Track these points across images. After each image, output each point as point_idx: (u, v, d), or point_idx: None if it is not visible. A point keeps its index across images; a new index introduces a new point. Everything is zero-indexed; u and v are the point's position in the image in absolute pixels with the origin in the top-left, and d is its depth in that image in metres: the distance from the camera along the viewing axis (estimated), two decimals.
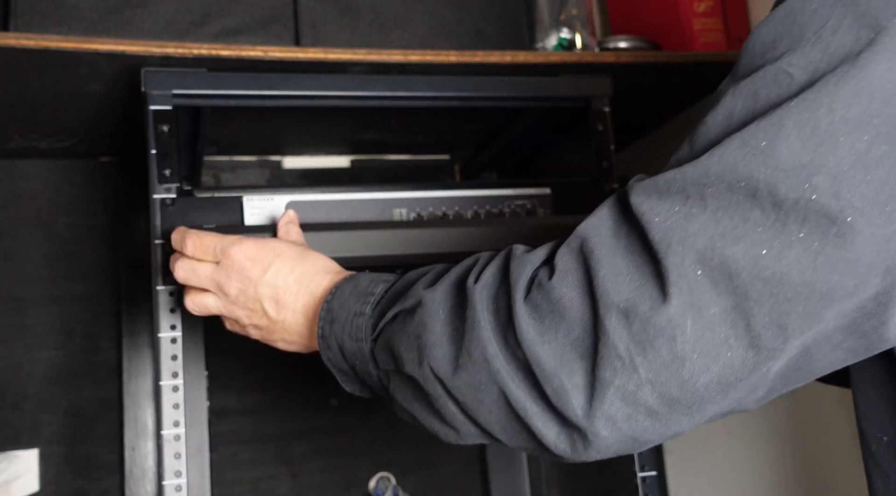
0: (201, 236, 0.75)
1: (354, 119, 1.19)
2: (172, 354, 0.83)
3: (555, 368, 0.49)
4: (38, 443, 1.18)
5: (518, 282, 0.52)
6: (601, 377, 0.47)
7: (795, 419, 1.15)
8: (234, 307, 0.74)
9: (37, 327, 1.21)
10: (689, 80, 1.15)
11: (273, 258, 0.71)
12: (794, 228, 0.43)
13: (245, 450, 1.28)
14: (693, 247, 0.45)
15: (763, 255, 0.44)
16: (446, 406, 0.56)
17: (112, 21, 0.92)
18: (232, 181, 1.33)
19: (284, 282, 0.71)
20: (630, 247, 0.48)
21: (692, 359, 0.46)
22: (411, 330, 0.57)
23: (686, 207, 0.46)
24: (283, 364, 1.33)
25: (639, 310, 0.46)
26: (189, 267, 0.75)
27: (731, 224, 0.45)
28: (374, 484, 1.32)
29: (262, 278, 0.71)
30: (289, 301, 0.70)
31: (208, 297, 0.76)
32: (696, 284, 0.45)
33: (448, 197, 0.97)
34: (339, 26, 1.00)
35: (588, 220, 0.52)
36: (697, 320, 0.45)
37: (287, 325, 0.71)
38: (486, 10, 1.08)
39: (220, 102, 0.92)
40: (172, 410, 0.82)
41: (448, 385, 0.54)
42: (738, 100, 0.48)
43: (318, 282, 0.70)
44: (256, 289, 0.71)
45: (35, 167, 1.24)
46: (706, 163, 0.46)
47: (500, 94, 1.01)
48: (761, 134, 0.45)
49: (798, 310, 0.44)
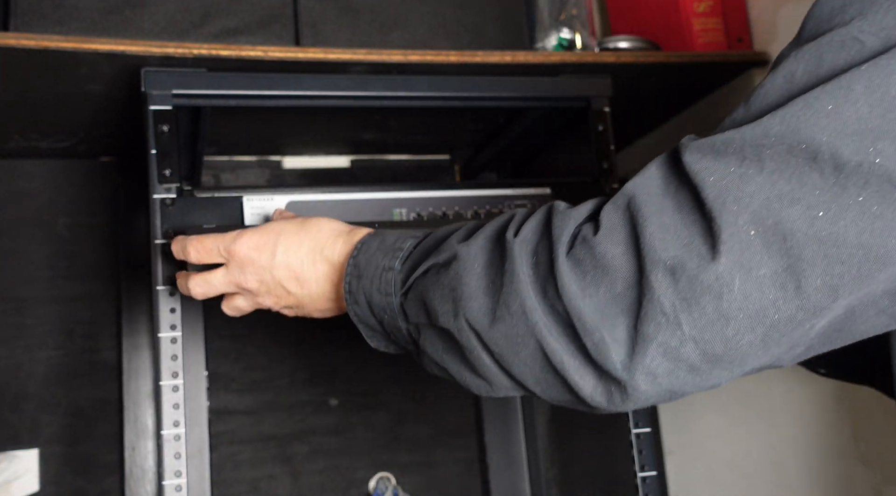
0: (202, 240, 0.75)
1: (354, 119, 1.19)
2: (172, 354, 0.83)
3: (596, 322, 0.49)
4: (37, 443, 1.18)
5: (561, 236, 0.52)
6: (644, 332, 0.47)
7: (795, 419, 1.15)
8: (261, 299, 0.74)
9: (37, 327, 1.21)
10: (689, 80, 1.15)
11: (276, 238, 0.71)
12: (853, 192, 0.44)
13: (245, 451, 1.28)
14: (748, 207, 0.45)
15: (819, 217, 0.44)
16: (480, 358, 0.56)
17: (112, 21, 0.92)
18: (232, 181, 1.33)
19: (297, 258, 0.70)
20: (680, 204, 0.48)
21: (738, 319, 0.46)
22: (446, 282, 0.57)
23: (742, 168, 0.46)
24: (284, 364, 1.33)
25: (686, 266, 0.46)
26: (202, 281, 0.75)
27: (788, 187, 0.45)
28: (374, 484, 1.32)
29: (274, 262, 0.71)
30: (308, 274, 0.70)
31: (237, 299, 0.76)
32: (748, 244, 0.45)
33: (448, 197, 0.97)
34: (339, 26, 1.00)
35: (635, 178, 0.52)
36: (746, 279, 0.45)
37: (315, 296, 0.71)
38: (486, 10, 1.08)
39: (220, 102, 0.92)
40: (172, 410, 0.82)
41: (484, 337, 0.54)
42: (801, 63, 0.47)
43: (332, 246, 0.70)
44: (273, 275, 0.71)
45: (35, 167, 1.24)
46: (767, 123, 0.46)
47: (500, 94, 1.01)
48: (828, 97, 0.45)
49: (851, 272, 0.44)
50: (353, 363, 1.35)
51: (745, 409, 1.24)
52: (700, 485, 1.35)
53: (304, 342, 1.34)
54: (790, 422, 1.16)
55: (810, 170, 0.44)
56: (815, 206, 0.44)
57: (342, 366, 1.35)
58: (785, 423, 1.17)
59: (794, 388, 1.15)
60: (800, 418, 1.14)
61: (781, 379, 1.17)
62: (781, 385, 1.17)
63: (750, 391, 1.23)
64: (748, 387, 1.23)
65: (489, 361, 0.55)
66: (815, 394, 1.11)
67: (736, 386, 1.26)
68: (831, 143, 0.44)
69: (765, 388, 1.20)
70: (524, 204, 1.00)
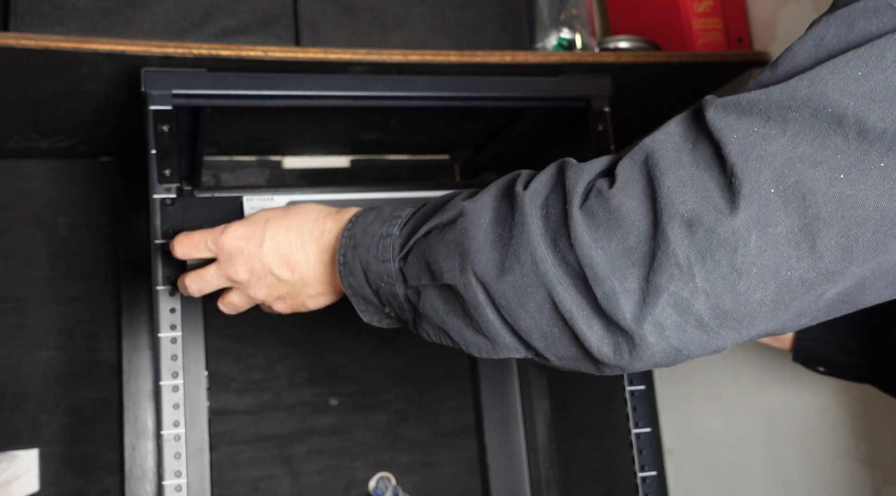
0: (189, 235, 0.76)
1: (354, 119, 1.19)
2: (172, 354, 0.83)
3: (607, 272, 0.49)
4: (37, 443, 1.18)
5: (574, 189, 0.53)
6: (655, 282, 0.48)
7: (795, 419, 1.15)
8: (253, 291, 0.73)
9: (37, 327, 1.21)
10: (689, 80, 1.15)
11: (263, 226, 0.71)
12: (875, 157, 0.44)
13: (245, 451, 1.28)
14: (770, 165, 0.45)
15: (839, 180, 0.44)
16: (485, 313, 0.55)
17: (112, 21, 0.92)
18: (232, 181, 1.33)
19: (286, 242, 0.70)
20: (699, 159, 0.48)
21: (750, 274, 0.46)
22: (451, 239, 0.57)
23: (766, 128, 0.46)
24: (284, 364, 1.33)
25: (703, 219, 0.46)
26: (197, 276, 0.75)
27: (811, 149, 0.45)
28: (374, 484, 1.32)
29: (263, 249, 0.70)
30: (299, 257, 0.70)
31: (231, 295, 0.76)
32: (767, 201, 0.45)
33: None
34: (339, 26, 1.00)
35: (654, 134, 0.52)
36: (762, 236, 0.45)
37: (307, 279, 0.70)
38: (486, 10, 1.07)
39: (220, 102, 0.92)
40: (172, 410, 0.82)
41: (491, 289, 0.54)
42: (831, 28, 0.47)
43: (321, 226, 0.69)
44: (262, 262, 0.70)
45: (35, 167, 1.24)
46: (795, 85, 0.46)
47: (501, 94, 1.01)
48: (858, 62, 0.45)
49: (867, 236, 0.44)
50: (353, 363, 1.35)
51: (746, 409, 1.24)
52: (700, 485, 1.35)
53: (304, 342, 1.34)
54: (790, 422, 1.16)
55: (834, 133, 0.44)
56: (836, 168, 0.44)
57: (342, 366, 1.35)
58: (785, 423, 1.17)
59: (793, 388, 1.15)
60: (800, 418, 1.14)
61: (781, 379, 1.17)
62: (781, 385, 1.17)
63: (750, 391, 1.23)
64: (748, 386, 1.23)
65: (494, 316, 0.55)
66: (815, 394, 1.11)
67: (736, 386, 1.27)
68: (858, 108, 0.44)
69: (765, 388, 1.20)
70: None
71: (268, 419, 1.30)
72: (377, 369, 1.36)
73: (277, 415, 1.31)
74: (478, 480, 1.38)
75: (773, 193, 0.45)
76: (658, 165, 0.49)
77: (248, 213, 0.89)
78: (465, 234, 0.56)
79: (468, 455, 1.39)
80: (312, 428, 1.32)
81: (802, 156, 0.45)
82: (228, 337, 1.29)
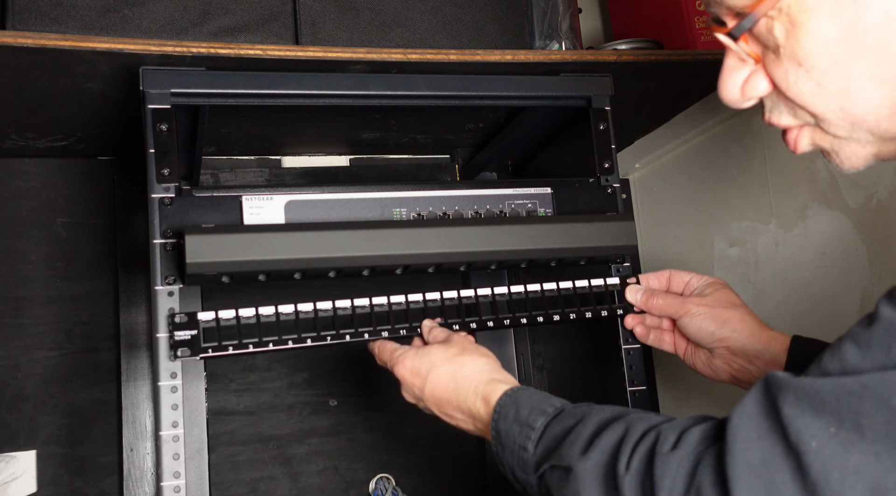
0: (382, 349, 0.89)
1: (354, 118, 1.19)
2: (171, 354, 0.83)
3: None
4: (35, 444, 1.17)
5: (663, 481, 0.54)
6: None
7: None
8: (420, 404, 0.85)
9: (35, 327, 1.20)
10: (690, 78, 1.15)
11: (429, 369, 0.82)
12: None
13: (244, 451, 1.28)
14: (854, 486, 0.45)
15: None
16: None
17: (110, 19, 0.91)
18: (231, 180, 1.32)
19: (444, 395, 0.81)
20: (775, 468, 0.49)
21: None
22: (568, 494, 0.61)
23: (842, 432, 0.46)
24: (283, 364, 1.32)
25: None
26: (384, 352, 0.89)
27: (892, 459, 0.45)
28: (374, 485, 1.32)
29: (424, 393, 0.82)
30: (453, 412, 0.81)
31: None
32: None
33: (448, 196, 0.97)
34: (338, 25, 1.00)
35: (730, 424, 0.52)
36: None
37: (463, 426, 0.81)
38: (486, 9, 1.07)
39: (218, 101, 0.92)
40: (171, 411, 0.82)
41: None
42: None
43: (473, 403, 0.78)
44: (425, 403, 0.83)
45: (33, 166, 1.23)
46: (865, 382, 0.47)
47: (501, 93, 1.01)
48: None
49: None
50: (352, 363, 1.34)
51: None
52: None
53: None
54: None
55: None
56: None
57: (342, 366, 1.34)
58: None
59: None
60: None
61: None
62: None
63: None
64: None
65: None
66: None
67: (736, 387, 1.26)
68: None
69: None
70: (524, 204, 1.00)
71: (267, 420, 1.29)
72: (377, 369, 1.35)
73: (276, 416, 1.30)
74: (478, 481, 1.38)
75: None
76: (731, 470, 0.49)
77: (247, 213, 0.89)
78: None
79: (468, 456, 1.38)
80: (312, 428, 1.31)
81: (885, 470, 0.44)
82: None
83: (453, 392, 0.80)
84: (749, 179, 1.21)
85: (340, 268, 0.87)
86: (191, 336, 0.83)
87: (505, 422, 0.72)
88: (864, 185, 1.02)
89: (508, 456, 0.70)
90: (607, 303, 0.97)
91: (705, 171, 1.31)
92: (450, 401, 0.80)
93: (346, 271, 0.89)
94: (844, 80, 0.55)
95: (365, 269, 0.89)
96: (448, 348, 0.83)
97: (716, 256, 1.30)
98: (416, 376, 0.82)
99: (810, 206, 1.10)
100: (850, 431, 0.45)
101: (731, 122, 1.24)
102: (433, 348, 0.84)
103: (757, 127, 1.19)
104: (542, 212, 1.00)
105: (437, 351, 0.83)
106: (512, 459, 0.70)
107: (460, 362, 0.81)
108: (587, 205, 1.01)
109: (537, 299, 0.94)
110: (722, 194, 1.28)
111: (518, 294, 0.94)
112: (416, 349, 0.85)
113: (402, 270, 0.91)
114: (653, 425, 0.59)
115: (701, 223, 1.34)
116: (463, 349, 0.83)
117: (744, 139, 1.22)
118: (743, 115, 1.20)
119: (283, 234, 0.85)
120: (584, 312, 0.95)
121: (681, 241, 1.39)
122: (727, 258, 1.27)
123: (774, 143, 1.16)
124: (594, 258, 0.97)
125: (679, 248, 1.39)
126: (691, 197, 1.36)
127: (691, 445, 0.55)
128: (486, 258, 0.91)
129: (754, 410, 0.51)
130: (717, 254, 1.30)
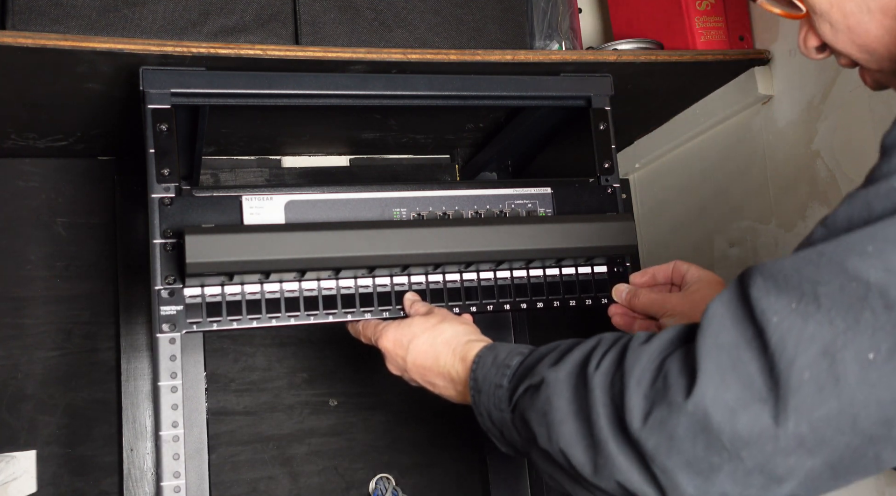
0: (365, 325, 0.89)
1: (354, 118, 1.19)
2: (171, 354, 0.83)
3: (663, 456, 0.52)
4: (35, 444, 1.17)
5: (633, 370, 0.55)
6: (710, 462, 0.50)
7: None
8: (404, 375, 0.87)
9: (34, 327, 1.20)
10: (690, 78, 1.15)
11: (410, 339, 0.83)
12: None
13: (244, 451, 1.28)
14: (806, 351, 0.47)
15: (870, 361, 0.46)
16: (563, 481, 0.60)
17: (110, 19, 0.91)
18: (231, 180, 1.32)
19: (426, 363, 0.82)
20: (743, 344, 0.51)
21: (799, 451, 0.48)
22: (538, 406, 0.61)
23: (801, 305, 0.48)
24: (283, 364, 1.32)
25: (747, 407, 0.49)
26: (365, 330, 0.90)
27: (844, 324, 0.47)
28: (374, 485, 1.32)
29: (407, 363, 0.83)
30: (435, 379, 0.81)
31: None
32: (802, 385, 0.48)
33: (448, 197, 0.97)
34: (338, 25, 1.00)
35: (707, 312, 0.53)
36: (805, 418, 0.48)
37: (445, 392, 0.81)
38: (486, 9, 1.07)
39: (218, 101, 0.92)
40: (171, 411, 0.82)
41: (574, 462, 0.58)
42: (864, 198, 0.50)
43: (449, 360, 0.79)
44: (409, 374, 0.84)
45: (33, 166, 1.23)
46: (821, 250, 0.49)
47: (501, 93, 1.01)
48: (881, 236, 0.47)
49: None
50: (352, 363, 1.34)
51: None
52: None
53: (304, 342, 1.34)
54: None
55: (862, 308, 0.46)
56: (865, 349, 0.46)
57: (342, 366, 1.34)
58: None
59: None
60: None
61: None
62: None
63: None
64: None
65: (574, 485, 0.59)
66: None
67: None
68: (881, 280, 0.46)
69: None
70: (524, 204, 1.00)
71: (267, 420, 1.29)
72: (377, 369, 1.34)
73: (276, 416, 1.30)
74: (478, 481, 1.38)
75: (807, 379, 0.47)
76: (701, 352, 0.51)
77: (247, 213, 0.89)
78: (549, 403, 0.60)
79: (468, 456, 1.38)
80: (312, 428, 1.31)
81: (835, 335, 0.46)
82: (227, 337, 1.29)
83: (433, 359, 0.81)
84: (749, 179, 1.21)
85: (340, 268, 0.87)
86: (175, 311, 0.83)
87: (482, 369, 0.72)
88: None
89: (485, 400, 0.70)
90: (608, 292, 0.97)
91: (705, 171, 1.31)
92: (431, 368, 0.81)
93: (345, 271, 0.89)
94: (844, 17, 0.61)
95: (365, 269, 0.89)
96: (428, 319, 0.85)
97: (716, 256, 1.30)
98: (399, 347, 0.84)
99: (810, 205, 1.10)
100: (808, 304, 0.48)
101: (731, 122, 1.24)
102: (415, 320, 0.85)
103: (757, 127, 1.19)
104: (542, 212, 1.00)
105: (419, 321, 0.85)
106: (488, 402, 0.69)
107: (440, 330, 0.83)
108: (587, 205, 1.01)
109: (538, 285, 0.95)
110: (722, 194, 1.28)
111: (520, 278, 0.95)
112: (398, 321, 0.86)
113: (402, 270, 0.92)
114: (627, 335, 0.61)
115: (701, 223, 1.34)
116: (443, 318, 0.84)
117: (744, 139, 1.22)
118: (743, 115, 1.20)
119: (283, 234, 0.85)
120: (583, 299, 0.96)
121: (681, 240, 1.39)
122: (727, 258, 1.27)
123: (774, 143, 1.16)
124: (594, 258, 0.98)
125: (679, 248, 1.39)
126: (691, 197, 1.36)
127: (664, 342, 0.57)
128: (485, 258, 0.91)
129: (728, 297, 0.53)
130: (717, 253, 1.30)
